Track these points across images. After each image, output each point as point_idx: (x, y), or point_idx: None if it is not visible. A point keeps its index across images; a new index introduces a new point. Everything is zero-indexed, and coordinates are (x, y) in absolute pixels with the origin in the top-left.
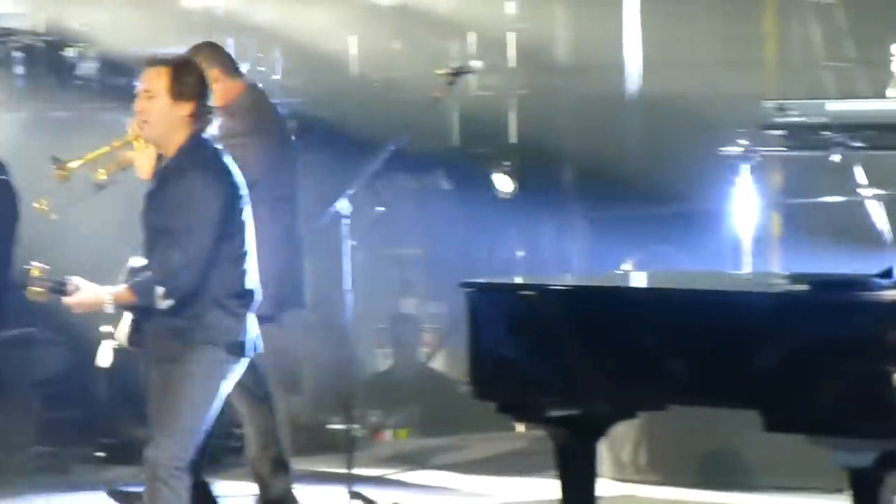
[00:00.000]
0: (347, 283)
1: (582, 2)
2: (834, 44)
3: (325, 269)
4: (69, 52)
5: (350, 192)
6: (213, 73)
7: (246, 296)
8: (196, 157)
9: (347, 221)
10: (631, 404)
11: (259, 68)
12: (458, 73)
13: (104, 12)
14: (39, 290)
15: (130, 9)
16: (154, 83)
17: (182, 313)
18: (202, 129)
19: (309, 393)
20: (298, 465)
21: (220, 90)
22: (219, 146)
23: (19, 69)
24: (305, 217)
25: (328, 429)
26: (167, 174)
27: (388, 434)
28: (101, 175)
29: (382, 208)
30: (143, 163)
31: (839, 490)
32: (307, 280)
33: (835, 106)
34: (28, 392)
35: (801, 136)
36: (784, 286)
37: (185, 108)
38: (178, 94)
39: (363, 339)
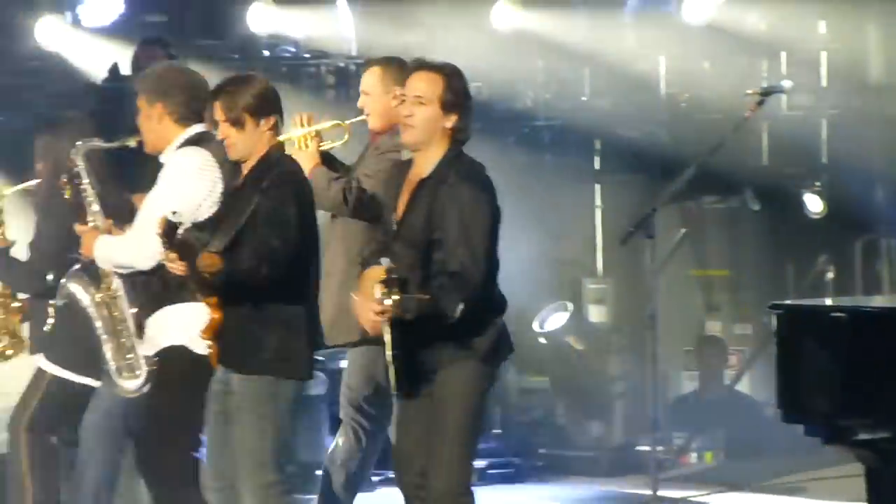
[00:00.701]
0: (654, 305)
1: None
2: None
3: (630, 291)
4: None
5: (656, 211)
6: None
7: (502, 303)
8: (460, 169)
9: (653, 242)
10: None
11: (568, 89)
12: (767, 92)
13: (417, 35)
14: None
15: (442, 30)
16: (427, 89)
17: (442, 330)
18: (461, 142)
19: (619, 415)
20: (605, 486)
21: (383, 110)
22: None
23: (331, 92)
24: (607, 237)
25: (636, 450)
26: (428, 185)
27: (692, 456)
28: None
29: (686, 229)
30: (303, 161)
31: None
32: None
33: None
34: None
35: None
36: None
37: (451, 120)
38: (448, 104)
39: (669, 361)
